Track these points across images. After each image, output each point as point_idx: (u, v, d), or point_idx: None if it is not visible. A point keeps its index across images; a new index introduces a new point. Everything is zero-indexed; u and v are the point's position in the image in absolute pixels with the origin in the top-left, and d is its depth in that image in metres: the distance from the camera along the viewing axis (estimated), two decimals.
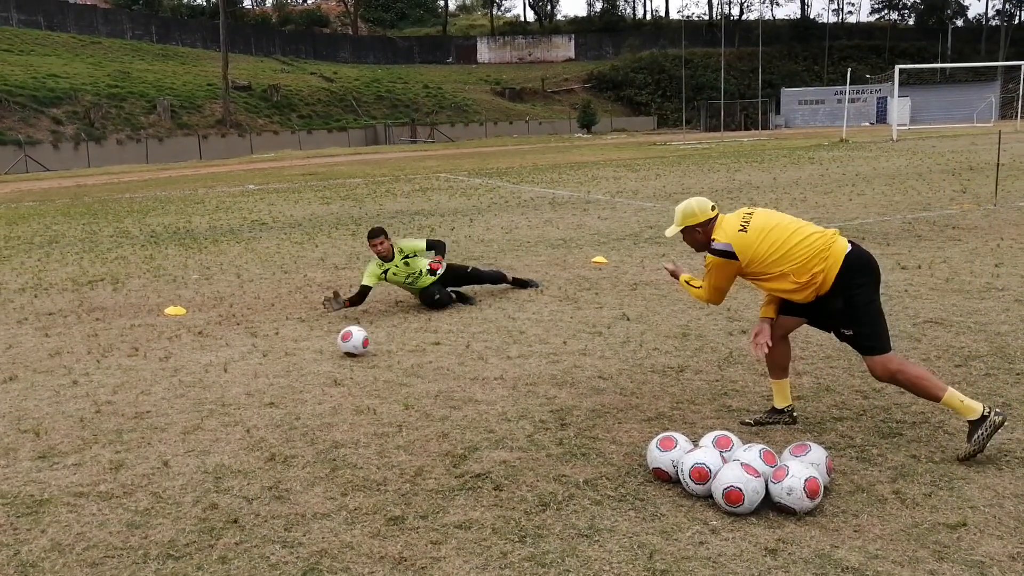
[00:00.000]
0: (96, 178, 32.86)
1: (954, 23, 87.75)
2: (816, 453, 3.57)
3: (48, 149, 43.55)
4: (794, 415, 4.35)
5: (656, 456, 3.71)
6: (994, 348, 5.47)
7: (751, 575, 2.95)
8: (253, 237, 12.96)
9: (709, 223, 4.08)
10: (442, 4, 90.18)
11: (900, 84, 37.73)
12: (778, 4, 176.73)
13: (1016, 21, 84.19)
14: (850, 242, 3.94)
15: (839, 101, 57.05)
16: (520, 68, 77.65)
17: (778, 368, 4.33)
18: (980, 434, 3.64)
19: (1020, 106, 45.97)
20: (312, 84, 62.51)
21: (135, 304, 8.31)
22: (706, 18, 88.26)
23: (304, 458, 4.17)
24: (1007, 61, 56.69)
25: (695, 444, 3.76)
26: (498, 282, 8.10)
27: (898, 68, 36.21)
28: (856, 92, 60.32)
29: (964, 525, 3.23)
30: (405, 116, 61.59)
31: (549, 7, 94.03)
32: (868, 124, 60.07)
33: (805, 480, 3.32)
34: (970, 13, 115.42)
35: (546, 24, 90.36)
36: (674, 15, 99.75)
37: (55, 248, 12.71)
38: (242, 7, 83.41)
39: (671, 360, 5.56)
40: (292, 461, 4.14)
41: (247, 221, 15.15)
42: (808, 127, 60.75)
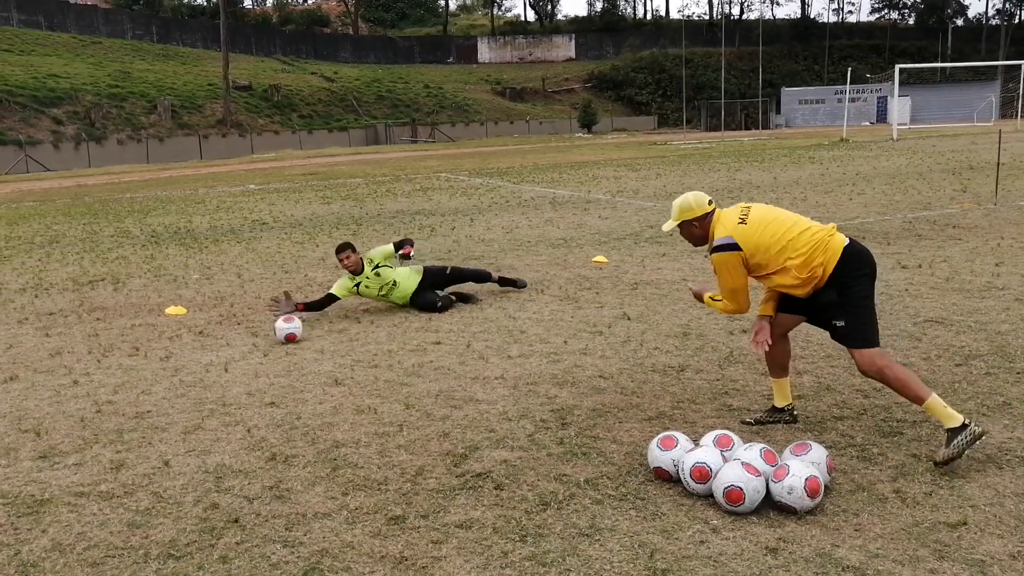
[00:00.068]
0: (97, 178, 32.86)
1: (954, 22, 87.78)
2: (817, 452, 3.57)
3: (49, 149, 43.56)
4: (795, 414, 4.35)
5: (657, 455, 3.71)
6: (994, 347, 5.47)
7: (752, 574, 2.95)
8: (254, 237, 12.97)
9: (706, 217, 4.06)
10: (443, 4, 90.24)
11: (900, 83, 37.72)
12: (778, 4, 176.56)
13: (1016, 20, 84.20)
14: (848, 238, 3.94)
15: (839, 101, 57.01)
16: (521, 68, 77.66)
17: (778, 367, 4.33)
18: (960, 440, 3.59)
19: (1020, 105, 45.95)
20: (313, 84, 62.52)
21: (136, 304, 8.31)
22: (706, 18, 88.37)
23: (305, 458, 4.17)
24: (1007, 60, 56.65)
25: (696, 443, 3.76)
26: (482, 280, 7.84)
27: (898, 67, 36.21)
28: (856, 92, 60.27)
29: (965, 524, 3.23)
30: (406, 116, 61.59)
31: (550, 7, 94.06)
32: (868, 123, 60.04)
33: (806, 479, 3.32)
34: (970, 12, 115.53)
35: (547, 24, 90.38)
36: (674, 15, 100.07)
37: (56, 248, 12.72)
38: (243, 7, 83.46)
39: (672, 359, 5.56)
40: (293, 461, 4.14)
41: (248, 221, 15.15)
42: (808, 127, 60.72)
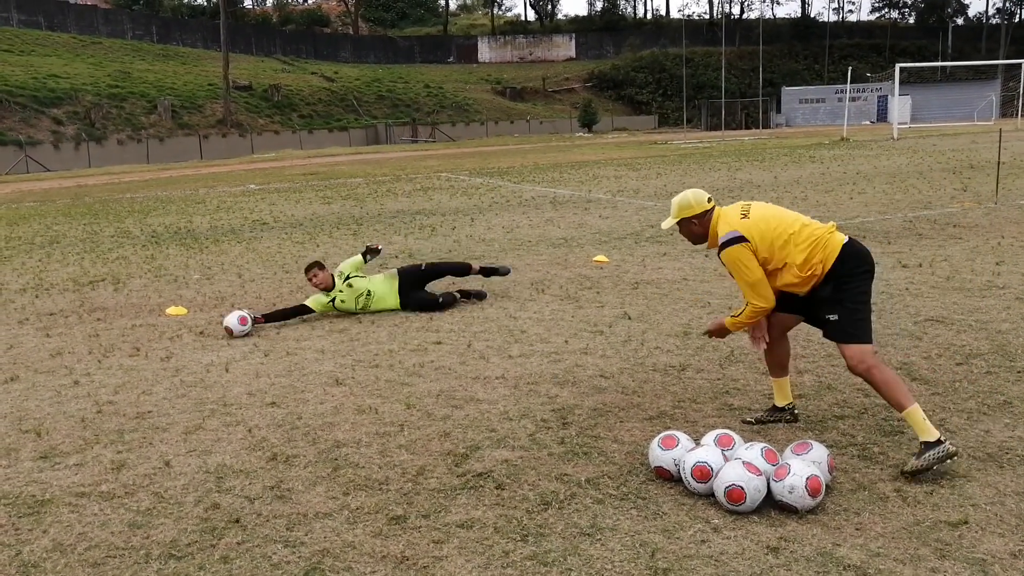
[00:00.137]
0: (97, 178, 32.87)
1: (954, 21, 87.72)
2: (817, 451, 3.57)
3: (49, 149, 43.55)
4: (795, 413, 4.36)
5: (658, 455, 3.71)
6: (995, 346, 5.47)
7: (753, 573, 2.95)
8: (254, 237, 12.97)
9: (706, 215, 4.04)
10: (443, 4, 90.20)
11: (901, 83, 37.73)
12: (778, 3, 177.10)
13: (1016, 19, 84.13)
14: (847, 236, 3.94)
15: (840, 100, 56.99)
16: (521, 67, 77.64)
17: (778, 366, 4.33)
18: (931, 455, 3.55)
19: (1020, 104, 45.94)
20: (313, 84, 62.51)
21: (136, 304, 8.31)
22: (707, 17, 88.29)
23: (306, 458, 4.18)
24: (1007, 59, 56.59)
25: (697, 443, 3.76)
26: (463, 274, 7.73)
27: (899, 67, 36.21)
28: (857, 91, 60.26)
29: (966, 523, 3.23)
30: (406, 116, 61.58)
31: (550, 6, 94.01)
32: (869, 123, 60.03)
33: (807, 478, 3.32)
34: (970, 11, 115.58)
35: (547, 23, 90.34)
36: (675, 14, 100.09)
37: (56, 248, 12.72)
38: (243, 7, 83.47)
39: (672, 359, 5.56)
40: (294, 461, 4.14)
41: (248, 221, 15.15)
42: (809, 126, 60.70)
